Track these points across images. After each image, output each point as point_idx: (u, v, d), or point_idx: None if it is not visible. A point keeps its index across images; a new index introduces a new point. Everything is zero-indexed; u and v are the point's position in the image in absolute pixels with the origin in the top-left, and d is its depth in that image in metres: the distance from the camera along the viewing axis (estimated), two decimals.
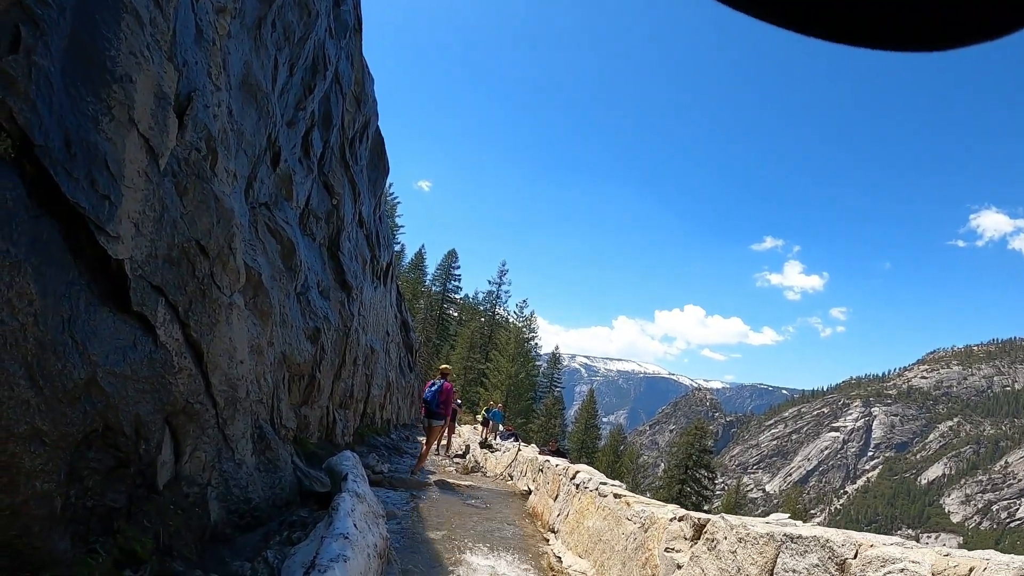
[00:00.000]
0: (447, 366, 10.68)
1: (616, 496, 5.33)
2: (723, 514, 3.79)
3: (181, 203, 3.92)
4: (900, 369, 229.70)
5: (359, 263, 12.73)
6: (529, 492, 9.65)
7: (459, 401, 17.70)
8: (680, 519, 4.19)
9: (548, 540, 6.95)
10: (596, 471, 7.23)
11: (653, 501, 5.08)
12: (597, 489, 5.83)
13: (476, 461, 14.65)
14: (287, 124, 8.22)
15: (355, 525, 3.82)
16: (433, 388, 10.09)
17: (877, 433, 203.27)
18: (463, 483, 9.77)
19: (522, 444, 13.49)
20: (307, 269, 8.75)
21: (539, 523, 7.85)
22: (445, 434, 16.00)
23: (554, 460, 8.52)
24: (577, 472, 6.96)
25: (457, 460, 15.37)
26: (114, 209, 3.13)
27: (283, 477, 5.14)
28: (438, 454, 15.55)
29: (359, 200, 12.85)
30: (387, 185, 16.85)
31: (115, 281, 3.24)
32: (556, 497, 7.57)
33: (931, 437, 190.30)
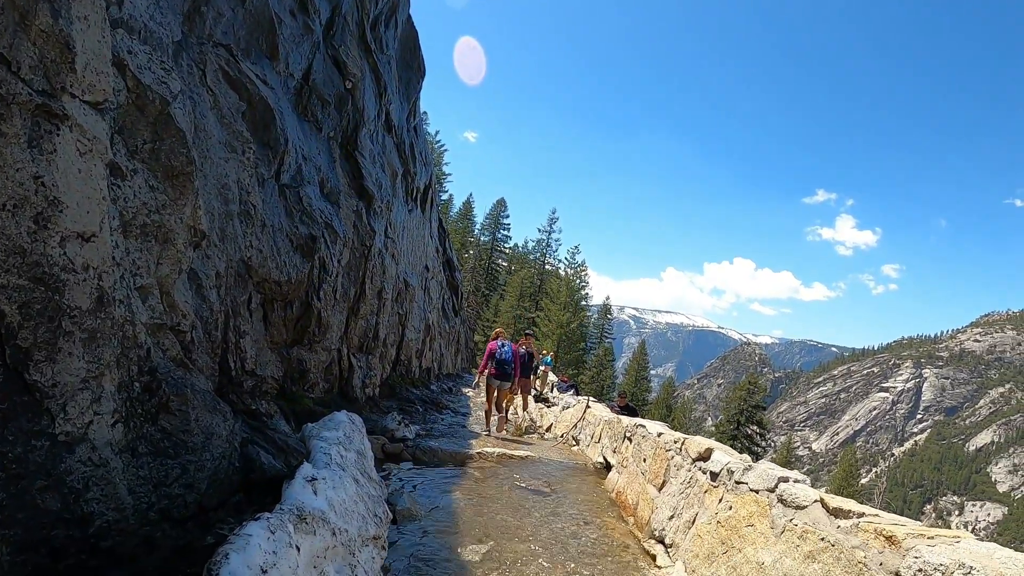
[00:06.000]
0: (500, 328, 10.31)
1: (836, 513, 2.64)
2: None
3: None
4: (953, 331, 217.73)
5: (386, 173, 10.13)
6: (608, 466, 7.13)
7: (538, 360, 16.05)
8: None
9: (655, 557, 4.39)
10: (733, 451, 4.57)
11: (928, 530, 2.39)
12: (776, 491, 3.15)
13: (531, 419, 12.22)
14: None
15: None
16: (505, 348, 9.53)
17: (927, 396, 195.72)
18: (516, 453, 7.30)
19: (591, 399, 10.95)
20: (300, 157, 6.20)
21: (632, 521, 5.31)
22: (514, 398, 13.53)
23: (652, 426, 5.88)
24: (709, 450, 4.30)
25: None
26: None
27: (200, 461, 2.67)
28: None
29: (385, 96, 10.16)
30: (428, 118, 14.07)
31: None
32: (662, 485, 4.98)
33: (981, 403, 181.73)
